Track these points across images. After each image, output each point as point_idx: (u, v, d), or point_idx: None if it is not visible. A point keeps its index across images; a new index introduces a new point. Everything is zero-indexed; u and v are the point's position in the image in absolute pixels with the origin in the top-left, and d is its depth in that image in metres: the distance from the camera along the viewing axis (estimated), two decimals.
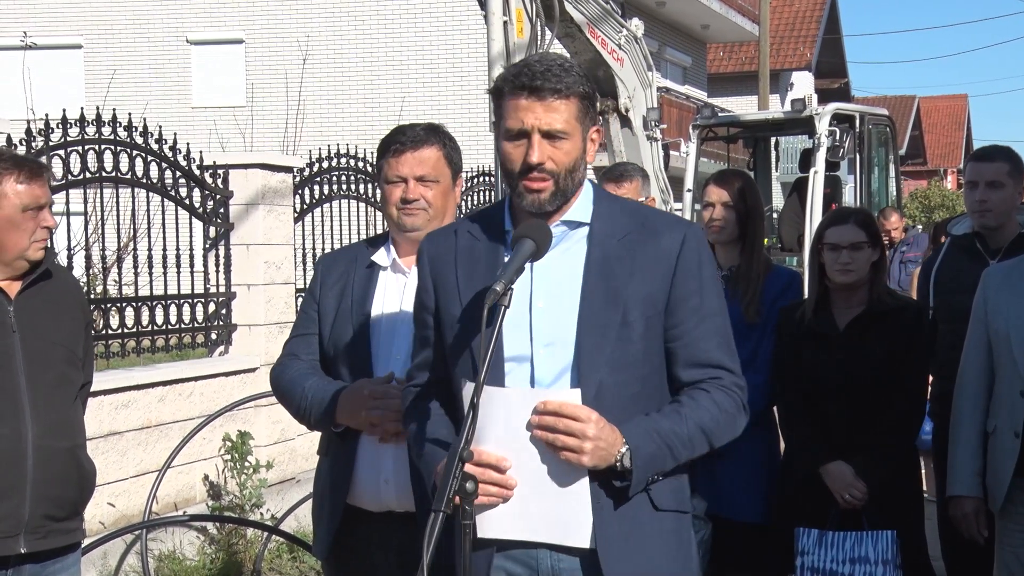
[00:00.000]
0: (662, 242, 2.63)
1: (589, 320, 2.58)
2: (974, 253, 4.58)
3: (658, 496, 2.62)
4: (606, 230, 2.65)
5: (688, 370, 2.65)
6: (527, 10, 8.27)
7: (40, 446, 3.51)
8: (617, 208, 2.72)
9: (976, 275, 4.41)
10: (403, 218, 3.26)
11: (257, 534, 6.82)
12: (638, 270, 2.61)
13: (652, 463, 2.55)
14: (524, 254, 2.54)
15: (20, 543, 3.49)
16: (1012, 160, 4.57)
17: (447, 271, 2.72)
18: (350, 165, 8.99)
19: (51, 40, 22.95)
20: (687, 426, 2.58)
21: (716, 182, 4.44)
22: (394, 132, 3.32)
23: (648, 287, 2.61)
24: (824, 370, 4.17)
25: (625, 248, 2.62)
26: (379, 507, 3.21)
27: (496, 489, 2.52)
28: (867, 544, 4.05)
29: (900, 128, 33.20)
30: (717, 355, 2.66)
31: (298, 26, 22.71)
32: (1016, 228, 4.56)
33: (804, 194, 12.81)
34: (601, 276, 2.61)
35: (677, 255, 2.62)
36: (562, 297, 2.61)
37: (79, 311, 3.77)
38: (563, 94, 2.56)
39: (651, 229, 2.65)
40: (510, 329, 2.58)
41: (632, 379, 2.60)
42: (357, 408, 3.15)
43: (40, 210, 3.53)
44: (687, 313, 2.63)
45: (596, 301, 2.59)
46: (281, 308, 7.98)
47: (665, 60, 27.34)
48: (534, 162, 2.56)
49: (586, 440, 2.45)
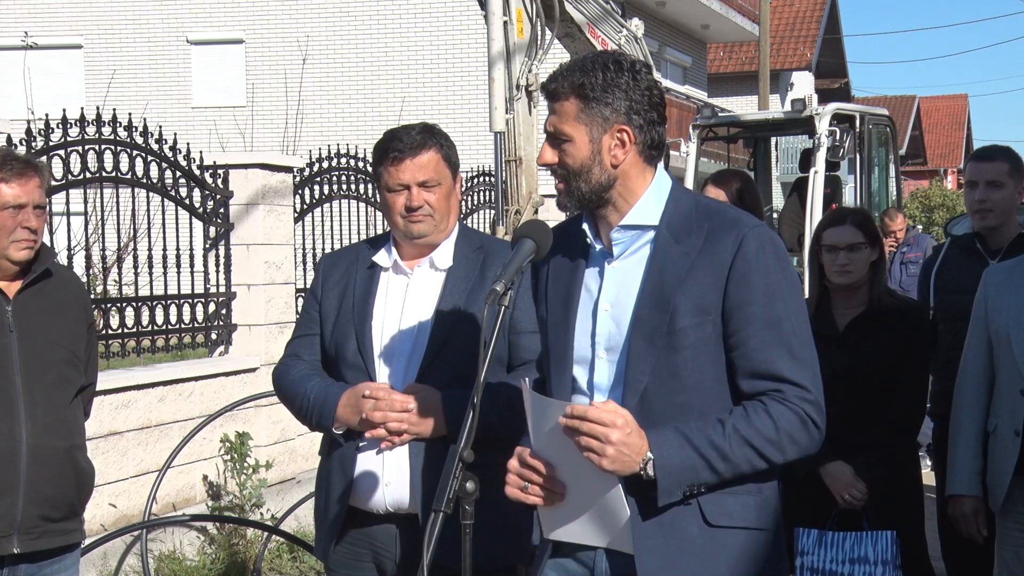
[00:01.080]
0: (718, 246, 2.53)
1: (640, 326, 2.54)
2: (974, 253, 4.58)
3: (712, 510, 2.51)
4: (671, 233, 2.58)
5: (747, 381, 2.52)
6: (527, 10, 8.25)
7: (35, 446, 3.50)
8: (689, 209, 2.62)
9: (976, 275, 4.41)
10: (410, 226, 3.23)
11: (257, 534, 6.82)
12: (690, 275, 2.52)
13: (682, 474, 2.44)
14: (524, 254, 2.54)
15: (13, 543, 3.48)
16: (1012, 160, 4.57)
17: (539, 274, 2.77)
18: (350, 165, 8.99)
19: (51, 40, 22.95)
20: (729, 439, 2.45)
21: (714, 182, 4.45)
22: (389, 138, 3.26)
23: (699, 294, 2.51)
24: (824, 370, 4.14)
25: (683, 252, 2.55)
26: (380, 508, 3.21)
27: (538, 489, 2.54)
28: (867, 544, 4.05)
29: (900, 128, 33.20)
30: (779, 366, 2.51)
31: (298, 26, 22.70)
32: (1016, 228, 4.55)
33: (804, 194, 12.81)
34: (655, 282, 2.55)
35: (732, 260, 2.51)
36: (624, 302, 2.59)
37: (81, 312, 3.75)
38: None
39: (713, 231, 2.55)
40: (579, 332, 2.61)
41: (680, 387, 2.52)
42: (356, 410, 3.15)
43: (20, 210, 3.50)
44: (744, 321, 2.50)
45: (647, 307, 2.54)
46: (281, 308, 7.98)
47: (665, 60, 27.34)
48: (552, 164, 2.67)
49: (608, 444, 2.39)
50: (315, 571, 6.69)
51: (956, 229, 4.73)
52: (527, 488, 2.54)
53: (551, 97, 2.57)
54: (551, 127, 2.57)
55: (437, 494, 2.40)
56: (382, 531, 3.23)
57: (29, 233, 3.52)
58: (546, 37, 8.42)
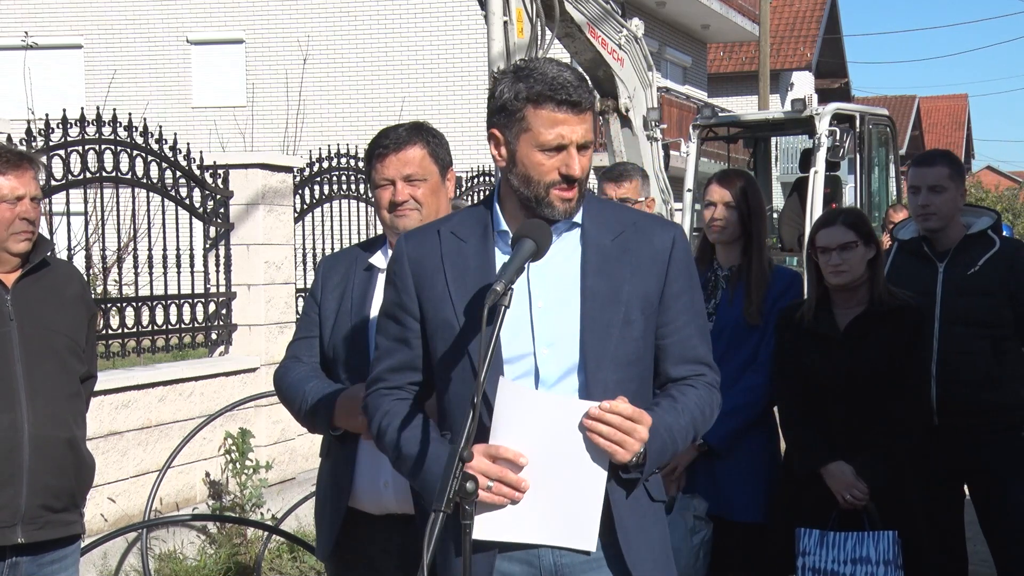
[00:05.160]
0: (655, 242, 2.71)
1: (593, 319, 2.63)
2: (922, 256, 4.65)
3: (653, 487, 2.73)
4: (598, 230, 2.70)
5: (679, 366, 2.74)
6: (527, 10, 8.26)
7: (37, 436, 3.50)
8: (605, 208, 2.80)
9: (925, 278, 4.51)
10: (395, 221, 3.26)
11: (257, 534, 6.83)
12: (636, 269, 2.68)
13: (660, 457, 2.65)
14: (524, 254, 2.54)
15: (17, 533, 3.48)
16: (952, 164, 4.67)
17: (434, 274, 2.71)
18: (350, 165, 8.99)
19: (51, 40, 22.95)
20: (683, 421, 2.68)
21: (718, 181, 4.44)
22: (378, 136, 3.33)
23: (645, 286, 2.68)
24: (825, 371, 4.17)
25: (620, 248, 2.69)
26: (379, 510, 3.22)
27: (508, 489, 2.55)
28: (868, 544, 4.05)
29: (900, 128, 33.20)
30: (703, 351, 2.77)
31: (298, 26, 22.70)
32: (962, 230, 4.63)
33: (804, 194, 12.81)
34: (601, 275, 2.66)
35: (669, 254, 2.71)
36: (562, 296, 2.65)
37: (82, 302, 3.76)
38: (590, 107, 2.64)
39: (642, 229, 2.73)
40: (509, 330, 2.59)
41: (633, 376, 2.67)
42: (354, 412, 3.15)
43: (18, 201, 3.53)
44: (679, 311, 2.72)
45: (598, 300, 2.64)
46: (281, 308, 7.98)
47: (665, 60, 27.34)
48: (576, 175, 2.62)
49: (636, 440, 2.54)
50: (315, 571, 6.69)
51: (902, 234, 4.79)
52: (491, 487, 2.54)
53: (579, 108, 2.61)
54: (582, 138, 2.62)
55: (437, 494, 2.40)
56: (381, 532, 3.23)
57: (28, 224, 3.55)
58: (546, 37, 8.42)
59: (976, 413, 4.48)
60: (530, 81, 2.61)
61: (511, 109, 2.63)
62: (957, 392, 4.46)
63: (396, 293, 2.76)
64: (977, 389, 4.46)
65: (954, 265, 4.56)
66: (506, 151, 2.66)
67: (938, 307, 4.52)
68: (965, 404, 4.46)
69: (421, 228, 2.86)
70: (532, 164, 2.62)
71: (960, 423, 4.48)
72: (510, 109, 2.63)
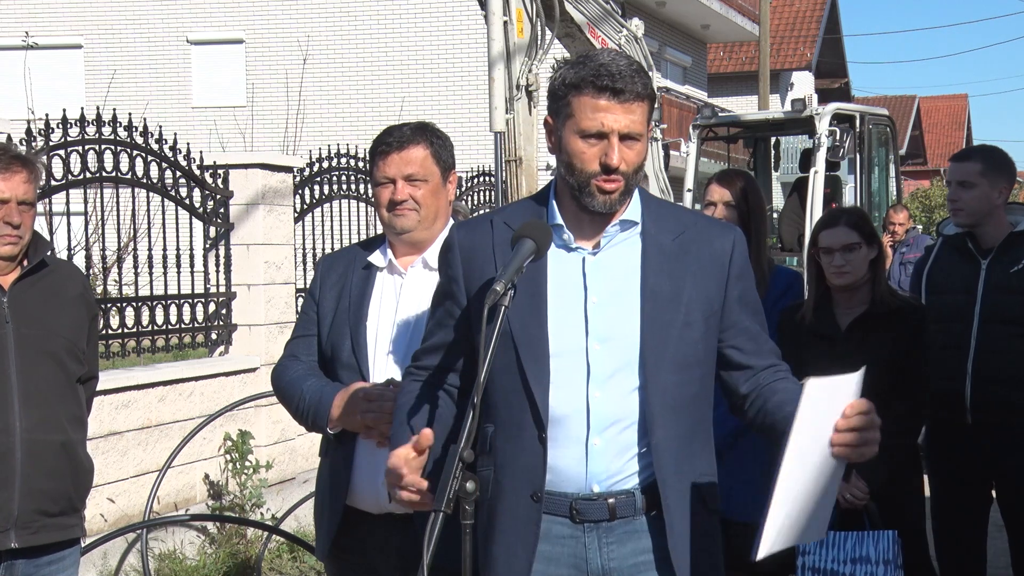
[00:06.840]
0: (715, 245, 2.68)
1: (653, 318, 2.59)
2: (966, 253, 4.58)
3: (708, 496, 2.79)
4: (658, 229, 2.67)
5: (763, 357, 2.71)
6: (527, 10, 8.25)
7: (29, 439, 3.46)
8: (665, 209, 2.75)
9: (968, 275, 4.44)
10: (394, 220, 3.25)
11: (257, 534, 6.83)
12: (697, 272, 2.65)
13: None
14: (524, 254, 2.54)
15: (11, 538, 3.45)
16: (987, 160, 4.57)
17: (484, 264, 2.69)
18: (350, 165, 8.99)
19: (51, 40, 22.94)
20: None
21: (719, 181, 4.43)
22: (382, 134, 3.31)
23: (706, 290, 2.65)
24: (826, 370, 4.15)
25: (681, 248, 2.66)
26: (378, 509, 3.21)
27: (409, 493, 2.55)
28: (868, 544, 4.05)
29: (900, 128, 33.22)
30: (774, 345, 2.78)
31: (298, 26, 22.70)
32: (1007, 227, 4.55)
33: (804, 194, 12.80)
34: (662, 275, 2.63)
35: (730, 258, 2.68)
36: (620, 294, 2.62)
37: (83, 302, 3.71)
38: (640, 96, 2.57)
39: (702, 231, 2.70)
40: (560, 324, 2.59)
41: (692, 379, 2.63)
42: (351, 411, 3.15)
43: (4, 205, 3.45)
44: (743, 313, 2.70)
45: (660, 300, 2.61)
46: (281, 308, 7.98)
47: (665, 60, 27.34)
48: (615, 164, 2.56)
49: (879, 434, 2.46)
50: (315, 571, 6.69)
51: (947, 229, 4.74)
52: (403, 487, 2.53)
53: (622, 96, 2.54)
54: (625, 128, 2.56)
55: (437, 494, 2.40)
56: (380, 531, 3.23)
57: (12, 229, 3.47)
58: (546, 37, 8.41)
59: (1009, 412, 4.42)
60: (578, 67, 2.58)
61: (559, 95, 2.61)
62: (991, 390, 4.40)
63: (447, 280, 2.77)
64: (1012, 388, 4.40)
65: (997, 262, 4.48)
66: (555, 138, 2.64)
67: (978, 304, 4.46)
68: (999, 402, 4.41)
69: (475, 218, 2.88)
70: (575, 152, 2.58)
71: (993, 420, 4.42)
72: (558, 95, 2.61)
